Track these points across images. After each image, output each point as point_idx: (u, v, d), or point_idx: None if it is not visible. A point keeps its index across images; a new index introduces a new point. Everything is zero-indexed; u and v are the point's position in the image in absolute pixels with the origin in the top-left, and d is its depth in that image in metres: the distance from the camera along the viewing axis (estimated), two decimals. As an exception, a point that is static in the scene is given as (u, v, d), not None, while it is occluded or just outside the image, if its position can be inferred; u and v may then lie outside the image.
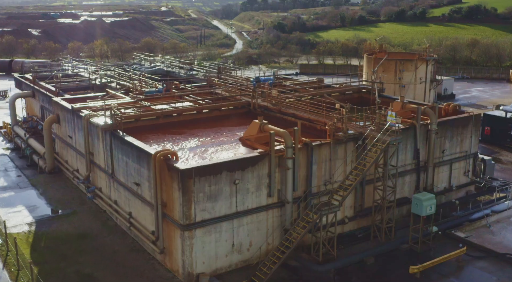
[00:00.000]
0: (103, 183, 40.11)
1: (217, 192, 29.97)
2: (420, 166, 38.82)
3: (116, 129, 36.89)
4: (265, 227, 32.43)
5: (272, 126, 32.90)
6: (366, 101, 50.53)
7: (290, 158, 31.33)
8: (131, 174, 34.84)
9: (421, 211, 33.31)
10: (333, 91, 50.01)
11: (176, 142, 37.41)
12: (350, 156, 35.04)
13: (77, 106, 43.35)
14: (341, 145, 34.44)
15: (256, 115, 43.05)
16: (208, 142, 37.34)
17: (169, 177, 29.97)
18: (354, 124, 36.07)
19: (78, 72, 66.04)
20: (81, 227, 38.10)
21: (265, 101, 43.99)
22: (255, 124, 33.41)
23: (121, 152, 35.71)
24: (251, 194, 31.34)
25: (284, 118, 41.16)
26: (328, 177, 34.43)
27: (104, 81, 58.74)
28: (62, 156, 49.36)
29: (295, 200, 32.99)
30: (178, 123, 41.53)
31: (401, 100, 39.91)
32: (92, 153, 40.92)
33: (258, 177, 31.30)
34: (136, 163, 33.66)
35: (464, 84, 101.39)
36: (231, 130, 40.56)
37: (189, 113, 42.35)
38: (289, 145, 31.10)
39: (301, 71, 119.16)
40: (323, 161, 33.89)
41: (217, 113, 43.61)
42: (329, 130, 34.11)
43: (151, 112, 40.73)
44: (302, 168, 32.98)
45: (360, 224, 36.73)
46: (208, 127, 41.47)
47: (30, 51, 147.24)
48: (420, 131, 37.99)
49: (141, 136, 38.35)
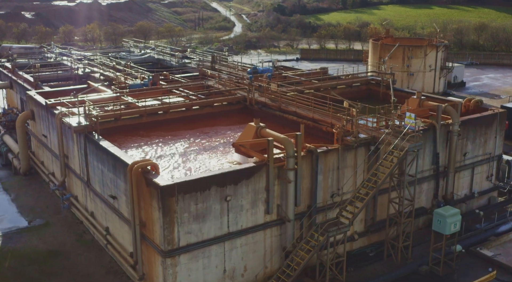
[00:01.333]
0: (79, 191, 35.37)
1: (205, 211, 25.23)
2: (439, 171, 34.07)
3: (92, 131, 32.02)
4: (262, 249, 27.76)
5: (271, 131, 28.02)
6: (375, 94, 45.75)
7: (291, 169, 26.53)
8: (107, 185, 30.09)
9: (444, 229, 28.59)
10: (339, 83, 45.04)
11: (160, 146, 32.56)
12: (361, 164, 30.25)
13: (52, 102, 38.36)
14: (350, 151, 29.63)
15: (252, 112, 38.28)
16: (196, 147, 32.51)
17: (148, 193, 25.20)
18: (365, 126, 31.19)
19: (61, 61, 60.89)
20: (54, 242, 33.41)
21: (263, 96, 39.05)
22: (250, 128, 28.55)
23: (96, 159, 30.92)
24: (245, 212, 26.61)
25: (284, 117, 36.29)
26: (335, 188, 29.68)
27: (87, 71, 53.70)
28: (38, 156, 44.54)
29: (298, 216, 28.29)
30: (165, 122, 36.64)
31: (418, 96, 34.95)
32: (67, 156, 36.12)
33: (254, 191, 26.54)
34: (112, 173, 28.90)
35: (474, 71, 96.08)
36: (224, 131, 35.71)
37: (177, 111, 37.42)
38: (290, 154, 26.28)
39: (302, 57, 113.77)
40: (330, 170, 29.12)
41: (209, 110, 38.68)
42: (337, 134, 29.26)
43: (133, 110, 35.79)
44: (305, 178, 28.22)
45: (372, 239, 32.09)
46: (199, 127, 36.59)
47: (20, 35, 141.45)
48: (440, 132, 33.16)
49: (121, 139, 33.60)
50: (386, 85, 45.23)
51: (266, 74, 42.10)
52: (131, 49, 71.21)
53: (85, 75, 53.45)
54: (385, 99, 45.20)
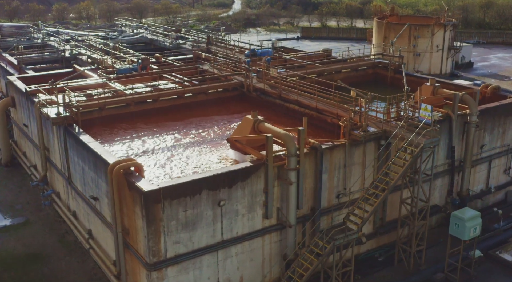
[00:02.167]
0: (61, 187, 32.45)
1: (195, 218, 22.32)
2: (454, 166, 31.11)
3: (72, 123, 28.97)
4: (260, 257, 24.93)
5: (270, 125, 24.95)
6: (383, 78, 42.62)
7: (293, 170, 23.53)
8: (88, 184, 27.15)
9: (463, 234, 25.70)
10: (344, 67, 41.77)
11: (147, 140, 29.49)
12: (370, 161, 27.26)
13: (32, 88, 35.16)
14: (359, 146, 26.61)
15: (250, 99, 35.18)
16: (188, 140, 29.44)
17: (131, 198, 22.24)
18: (375, 117, 28.10)
19: (48, 42, 57.41)
20: (33, 244, 30.61)
21: (262, 82, 35.86)
22: (247, 121, 25.45)
23: (77, 154, 27.92)
24: (241, 217, 23.70)
25: (285, 106, 33.19)
26: (342, 188, 26.74)
27: (75, 53, 50.32)
28: (21, 147, 41.53)
29: (300, 219, 25.41)
30: (154, 112, 33.54)
31: (432, 83, 31.77)
32: (48, 148, 33.10)
33: (250, 194, 23.59)
34: (93, 172, 25.93)
35: (481, 51, 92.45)
36: (219, 122, 32.62)
37: (168, 99, 34.27)
38: (292, 153, 23.24)
39: (303, 35, 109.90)
40: (336, 168, 26.13)
41: (203, 97, 35.52)
42: (344, 127, 26.20)
43: (119, 99, 32.65)
44: (308, 178, 25.26)
45: (381, 241, 29.29)
46: (191, 116, 33.52)
47: (12, 13, 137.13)
48: (456, 124, 30.10)
49: (105, 131, 30.56)
50: (394, 69, 42.11)
51: (265, 57, 38.81)
52: (123, 28, 67.54)
53: (72, 57, 50.11)
54: (393, 84, 42.14)
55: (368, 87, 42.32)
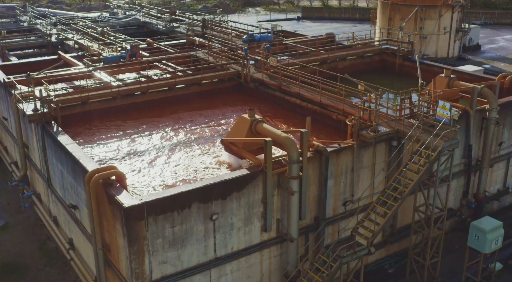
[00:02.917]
0: (41, 189, 29.80)
1: (184, 234, 19.69)
2: (471, 166, 28.43)
3: (51, 120, 26.19)
4: (258, 273, 22.35)
5: (269, 127, 22.15)
6: (391, 66, 39.76)
7: (295, 178, 20.83)
8: (67, 190, 24.49)
9: (483, 247, 23.13)
10: (349, 54, 38.82)
11: (133, 140, 26.69)
12: (380, 163, 24.57)
13: (11, 79, 32.29)
14: (368, 148, 23.88)
15: (248, 90, 32.40)
16: (178, 139, 26.65)
17: (111, 212, 19.58)
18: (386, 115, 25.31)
19: (35, 25, 54.25)
20: (11, 251, 28.11)
21: (261, 72, 32.97)
22: (243, 121, 22.65)
23: (55, 156, 25.20)
24: (237, 231, 21.07)
25: (285, 99, 30.38)
26: (349, 194, 24.08)
27: (61, 37, 47.25)
28: (2, 141, 38.79)
29: (303, 230, 22.81)
30: (143, 105, 30.76)
31: (447, 74, 28.87)
32: (27, 146, 30.37)
33: (247, 205, 20.93)
34: (72, 178, 23.25)
35: (488, 32, 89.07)
36: (213, 117, 29.83)
37: (158, 91, 31.43)
38: (294, 159, 20.51)
39: (304, 15, 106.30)
40: (342, 172, 23.44)
41: (196, 89, 32.69)
42: (352, 127, 23.43)
43: (104, 92, 29.81)
44: (312, 185, 22.58)
45: (391, 250, 26.75)
46: (183, 110, 30.75)
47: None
48: (474, 120, 27.34)
49: (87, 129, 27.81)
50: (403, 56, 39.17)
51: (264, 44, 35.79)
52: (115, 10, 64.21)
53: (59, 42, 47.10)
54: (402, 71, 39.32)
55: (375, 76, 39.72)
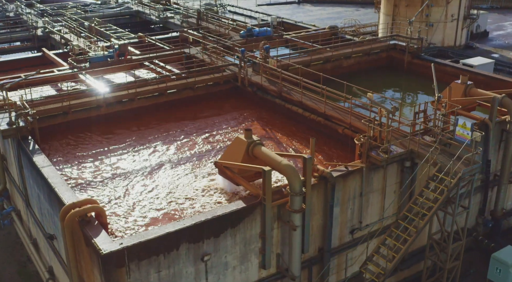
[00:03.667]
0: (21, 206, 27.41)
1: (172, 279, 17.36)
2: (489, 182, 26.04)
3: (27, 135, 23.71)
4: (256, 313, 20.13)
5: (268, 151, 19.65)
6: (398, 63, 37.20)
7: (298, 211, 18.42)
8: (45, 216, 22.12)
9: (505, 281, 20.82)
10: (354, 51, 36.12)
11: (117, 159, 24.05)
12: (391, 185, 22.17)
13: (-12, 83, 29.68)
14: (378, 170, 21.44)
15: (245, 94, 29.95)
16: (167, 158, 24.05)
17: (88, 255, 17.23)
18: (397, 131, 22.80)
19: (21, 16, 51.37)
20: (-13, 275, 25.86)
21: (259, 74, 30.34)
22: (239, 143, 20.16)
23: (32, 177, 22.76)
24: (232, 270, 18.75)
25: (286, 107, 27.84)
26: (357, 221, 21.71)
27: (47, 31, 44.45)
28: (-18, 145, 36.27)
29: (305, 264, 20.50)
30: (130, 114, 28.21)
31: (464, 81, 26.27)
32: (6, 158, 27.90)
33: (243, 242, 18.57)
34: (49, 205, 20.85)
35: (495, 17, 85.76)
36: (207, 127, 27.28)
37: (147, 97, 28.85)
38: (296, 191, 18.06)
39: None
40: (350, 198, 21.05)
41: (190, 93, 30.12)
42: (361, 146, 20.97)
43: (87, 100, 27.22)
44: (317, 214, 20.21)
45: (400, 276, 24.47)
46: (174, 119, 28.24)
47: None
48: (494, 133, 24.87)
49: (67, 144, 25.28)
50: (412, 53, 36.51)
51: (263, 43, 33.05)
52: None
53: (45, 36, 44.35)
54: (410, 69, 36.75)
55: (381, 74, 37.15)
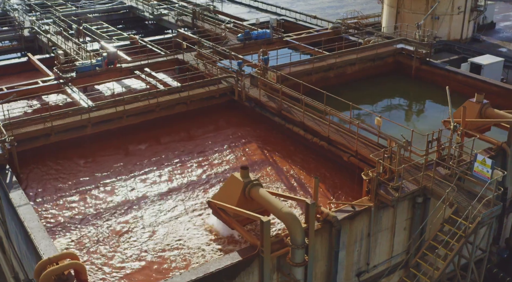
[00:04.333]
0: (2, 235, 25.50)
1: None
2: (505, 208, 24.17)
3: (5, 164, 21.75)
4: None
5: (267, 193, 17.67)
6: (405, 69, 35.16)
7: (299, 265, 16.54)
8: (24, 257, 20.24)
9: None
10: (359, 58, 33.92)
11: (100, 191, 21.96)
12: (401, 223, 20.29)
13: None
14: (388, 208, 19.52)
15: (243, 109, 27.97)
16: (157, 191, 21.97)
17: (65, 320, 15.38)
18: (408, 160, 20.84)
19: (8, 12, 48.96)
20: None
21: (258, 87, 28.23)
22: (235, 183, 18.19)
23: (9, 213, 20.85)
24: (227, 327, 16.96)
25: (286, 127, 25.80)
26: (363, 262, 19.88)
27: (34, 31, 42.16)
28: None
29: (307, 312, 18.70)
30: (118, 133, 26.18)
31: (479, 99, 24.18)
32: (-15, 182, 25.95)
33: (240, 296, 16.77)
34: (26, 248, 18.96)
35: (501, 6, 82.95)
36: (202, 150, 25.23)
37: (137, 115, 26.79)
38: (298, 243, 16.16)
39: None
40: (357, 240, 19.18)
41: (182, 108, 28.05)
42: (368, 183, 19.03)
43: (72, 120, 25.15)
44: (320, 260, 18.37)
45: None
46: (165, 140, 26.29)
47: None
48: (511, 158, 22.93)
49: (47, 175, 23.28)
50: (421, 59, 34.37)
51: (261, 52, 30.86)
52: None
53: (31, 37, 42.07)
54: (418, 76, 34.70)
55: (388, 81, 35.07)
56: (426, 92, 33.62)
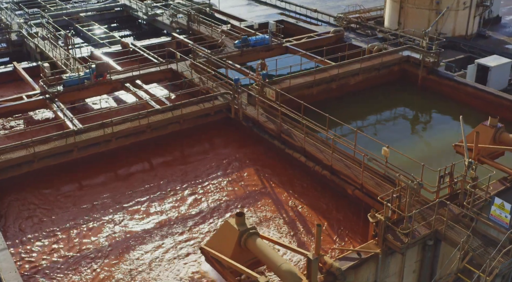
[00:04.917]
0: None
1: None
2: (519, 241, 22.58)
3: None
4: None
5: (264, 243, 16.07)
6: (412, 78, 33.52)
7: (300, 329, 15.01)
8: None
9: None
10: (363, 67, 32.12)
11: (84, 228, 20.27)
12: (410, 266, 18.75)
13: None
14: (396, 254, 17.96)
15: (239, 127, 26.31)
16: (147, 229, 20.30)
17: None
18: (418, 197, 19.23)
19: None
20: None
21: (255, 105, 26.52)
22: (230, 231, 16.55)
23: (-14, 255, 19.27)
24: None
25: (285, 152, 24.12)
26: (369, 311, 18.38)
27: (21, 35, 40.25)
28: None
29: None
30: (106, 157, 24.51)
31: (493, 123, 22.48)
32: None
33: None
34: (2, 298, 17.42)
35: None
36: (196, 178, 23.53)
37: (126, 136, 25.11)
38: (298, 307, 14.62)
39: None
40: (362, 288, 17.66)
41: (175, 127, 26.35)
42: (375, 225, 17.43)
43: (56, 145, 23.46)
44: (322, 314, 16.83)
45: None
46: (157, 165, 24.62)
47: None
48: (527, 188, 21.30)
49: (27, 209, 21.64)
50: (428, 68, 32.65)
51: (259, 69, 29.03)
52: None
53: (19, 41, 40.18)
54: (425, 86, 33.02)
55: (392, 91, 33.38)
56: (432, 103, 31.94)
